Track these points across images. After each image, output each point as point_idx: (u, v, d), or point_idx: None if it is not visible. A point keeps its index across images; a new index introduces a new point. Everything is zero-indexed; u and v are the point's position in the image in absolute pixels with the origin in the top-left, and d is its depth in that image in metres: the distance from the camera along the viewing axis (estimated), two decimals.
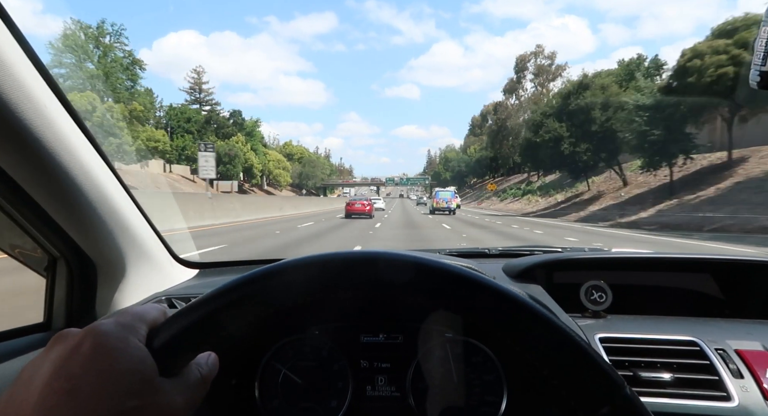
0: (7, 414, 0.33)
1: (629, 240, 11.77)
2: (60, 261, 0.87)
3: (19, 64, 0.60)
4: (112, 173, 0.84)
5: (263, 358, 0.79)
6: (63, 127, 0.69)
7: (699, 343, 0.78)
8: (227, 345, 0.58)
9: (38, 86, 0.64)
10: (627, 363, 0.77)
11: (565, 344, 0.40)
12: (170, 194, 17.03)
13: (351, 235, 12.72)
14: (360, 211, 22.31)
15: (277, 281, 0.42)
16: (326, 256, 0.43)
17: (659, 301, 1.12)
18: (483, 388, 0.76)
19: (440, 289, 0.41)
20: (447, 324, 0.77)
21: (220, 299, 0.41)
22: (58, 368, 0.34)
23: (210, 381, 0.42)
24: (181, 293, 1.03)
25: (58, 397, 0.33)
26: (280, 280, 0.42)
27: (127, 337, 0.37)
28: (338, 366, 0.79)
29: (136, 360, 0.36)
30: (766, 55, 0.45)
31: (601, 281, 0.97)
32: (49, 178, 0.70)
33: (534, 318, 0.40)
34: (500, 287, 0.41)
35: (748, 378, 0.72)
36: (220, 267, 1.32)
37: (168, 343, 0.39)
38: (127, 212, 0.89)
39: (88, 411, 0.33)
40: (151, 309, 0.42)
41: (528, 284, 1.02)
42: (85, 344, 0.35)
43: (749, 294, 1.07)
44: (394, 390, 0.78)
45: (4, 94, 0.58)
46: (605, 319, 0.93)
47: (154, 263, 1.03)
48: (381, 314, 0.80)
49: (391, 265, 0.42)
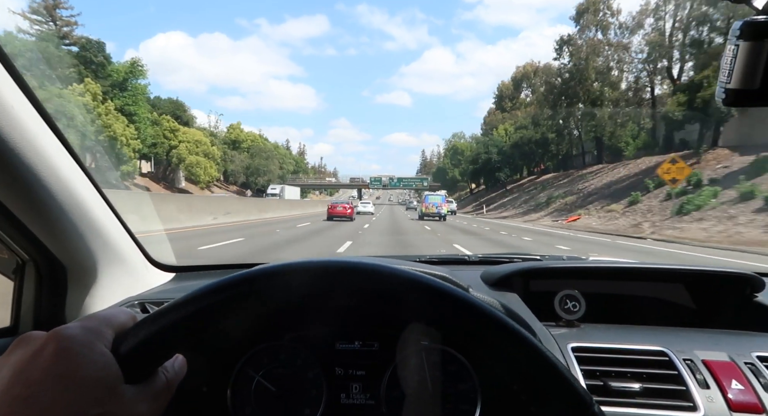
0: None
1: None
2: (28, 264, 0.84)
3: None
4: (83, 172, 0.82)
5: (236, 365, 0.78)
6: (29, 125, 0.67)
7: (668, 353, 0.80)
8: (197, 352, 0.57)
9: (5, 84, 0.62)
10: (598, 372, 0.78)
11: (534, 359, 0.40)
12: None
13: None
14: (341, 214, 22.55)
15: (249, 289, 0.41)
16: (299, 264, 0.42)
17: (633, 310, 1.14)
18: (457, 397, 0.76)
19: (408, 300, 0.41)
20: (423, 332, 0.77)
21: (190, 305, 0.40)
22: (18, 373, 0.33)
23: (176, 385, 0.41)
24: (155, 297, 1.01)
25: (15, 405, 0.31)
26: (252, 288, 0.41)
27: (92, 342, 0.36)
28: (313, 373, 0.79)
29: (101, 366, 0.35)
30: (731, 73, 0.47)
31: (575, 291, 0.98)
32: (15, 177, 0.68)
33: (505, 332, 0.40)
34: (470, 299, 0.41)
35: (714, 389, 0.74)
36: (196, 271, 1.30)
37: (135, 349, 0.38)
38: (100, 213, 0.87)
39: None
40: (119, 313, 0.40)
41: (505, 292, 1.03)
42: (47, 348, 0.34)
43: (719, 305, 1.10)
44: (368, 397, 0.78)
45: None
46: (579, 328, 0.94)
47: (127, 267, 1.01)
48: (357, 321, 0.80)
49: (357, 274, 0.41)
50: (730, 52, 0.46)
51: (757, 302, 1.03)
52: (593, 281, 1.14)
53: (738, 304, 1.06)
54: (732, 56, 0.46)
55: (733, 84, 0.46)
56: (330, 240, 11.75)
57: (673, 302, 1.15)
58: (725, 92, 0.48)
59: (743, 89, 0.46)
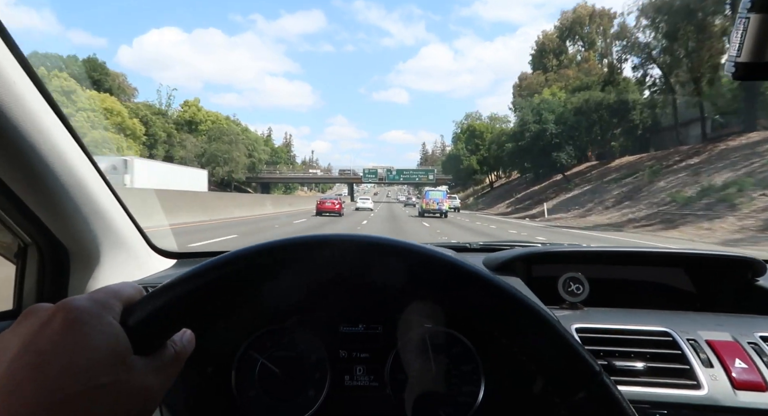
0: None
1: None
2: (31, 247, 0.84)
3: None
4: (87, 157, 0.81)
5: (241, 347, 0.78)
6: (35, 107, 0.67)
7: (671, 333, 0.80)
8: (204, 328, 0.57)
9: (8, 63, 0.61)
10: (602, 352, 0.78)
11: (543, 329, 0.40)
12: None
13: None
14: (330, 209, 23.17)
15: (258, 262, 0.41)
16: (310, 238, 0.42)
17: (635, 294, 1.15)
18: (461, 378, 0.77)
19: (425, 276, 0.41)
20: (427, 315, 0.77)
21: (198, 279, 0.40)
22: (27, 343, 0.33)
23: (184, 358, 0.41)
24: (157, 282, 1.01)
25: (25, 372, 0.32)
26: (262, 260, 0.41)
27: (100, 313, 0.36)
28: (317, 356, 0.79)
29: (109, 336, 0.35)
30: (741, 47, 0.46)
31: (579, 274, 0.99)
32: (21, 160, 0.68)
33: (514, 303, 0.40)
34: (484, 274, 0.41)
35: (717, 368, 0.74)
36: (199, 257, 1.30)
37: (143, 321, 0.38)
38: (103, 197, 0.87)
39: (57, 387, 0.31)
40: (126, 287, 0.41)
41: (507, 276, 1.03)
42: (56, 319, 0.34)
43: (720, 288, 1.10)
44: (372, 379, 0.78)
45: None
46: (582, 311, 0.95)
47: (130, 252, 1.01)
48: (361, 304, 0.80)
49: (382, 250, 0.41)
50: (741, 25, 0.45)
51: (758, 286, 1.04)
52: (595, 266, 1.14)
53: (739, 288, 1.07)
54: (743, 29, 0.45)
55: (743, 57, 0.46)
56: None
57: (674, 287, 1.16)
58: (735, 66, 0.47)
59: (754, 62, 0.45)
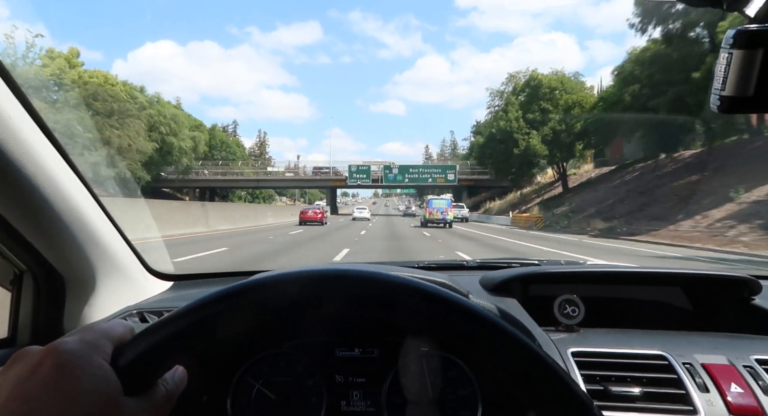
0: None
1: None
2: (26, 275, 0.84)
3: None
4: (81, 182, 0.82)
5: (236, 374, 0.78)
6: (28, 136, 0.67)
7: (667, 357, 0.80)
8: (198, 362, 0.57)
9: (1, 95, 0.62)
10: (598, 377, 0.78)
11: (532, 363, 0.40)
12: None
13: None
14: (312, 219, 24.25)
15: (245, 299, 0.41)
16: (294, 273, 0.42)
17: (632, 314, 1.15)
18: (458, 403, 0.76)
19: (403, 306, 0.41)
20: (423, 339, 0.77)
21: (187, 317, 0.40)
22: (16, 388, 0.33)
23: (176, 396, 0.41)
24: (153, 306, 1.01)
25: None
26: (248, 298, 0.41)
27: (90, 355, 0.35)
28: (313, 381, 0.78)
29: (100, 379, 0.35)
30: (725, 80, 0.47)
31: (574, 296, 0.98)
32: (13, 188, 0.68)
33: (502, 336, 0.40)
34: (466, 303, 0.41)
35: (713, 392, 0.74)
36: (195, 279, 1.30)
37: (133, 361, 0.38)
38: (97, 222, 0.87)
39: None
40: (117, 326, 0.40)
41: (504, 297, 1.03)
42: (45, 363, 0.34)
43: (717, 308, 1.10)
44: (369, 405, 0.78)
45: None
46: (578, 333, 0.95)
47: (125, 276, 1.00)
48: (356, 328, 0.80)
49: (351, 281, 0.41)
50: (724, 60, 0.46)
51: (754, 306, 1.04)
52: (592, 286, 1.14)
53: (736, 307, 1.07)
54: (726, 64, 0.46)
55: (727, 91, 0.47)
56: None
57: (671, 306, 1.16)
58: (720, 99, 0.48)
59: (737, 97, 0.46)
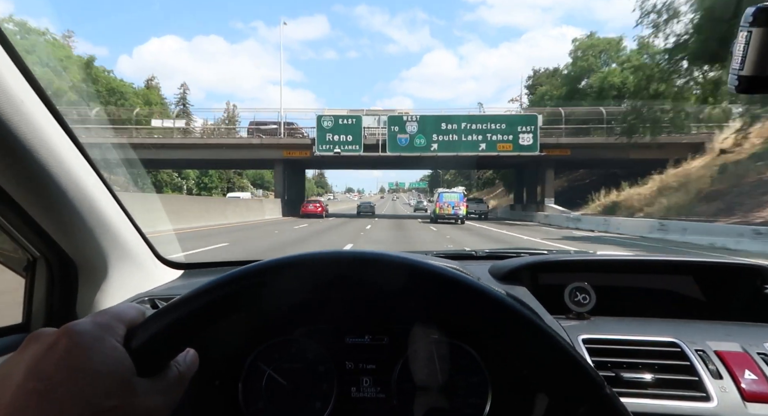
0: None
1: None
2: (40, 261, 0.85)
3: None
4: (94, 171, 0.82)
5: (247, 359, 0.78)
6: (42, 123, 0.67)
7: (680, 344, 0.79)
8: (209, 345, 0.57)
9: (13, 79, 0.62)
10: (609, 363, 0.78)
11: (545, 343, 0.40)
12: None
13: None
14: (313, 212, 26.95)
15: (259, 281, 0.41)
16: (313, 255, 0.42)
17: (642, 303, 1.14)
18: (467, 390, 0.76)
19: (426, 290, 0.41)
20: (433, 326, 0.77)
21: (200, 299, 0.40)
22: (32, 368, 0.34)
23: (188, 378, 0.42)
24: (164, 293, 1.01)
25: (30, 398, 0.32)
26: (262, 280, 0.41)
27: (103, 337, 0.36)
28: (323, 367, 0.79)
29: (113, 360, 0.35)
30: (744, 60, 0.46)
31: (585, 283, 0.98)
32: (29, 176, 0.69)
33: (514, 317, 0.40)
34: (483, 287, 0.41)
35: (727, 379, 0.73)
36: (205, 268, 1.31)
37: (146, 343, 0.38)
38: (110, 211, 0.87)
39: (62, 412, 0.32)
40: (129, 309, 0.41)
41: (513, 285, 1.03)
42: (60, 344, 0.35)
43: (729, 297, 1.09)
44: (379, 391, 0.78)
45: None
46: (589, 320, 0.94)
47: (137, 264, 1.01)
48: (366, 315, 0.80)
49: (379, 265, 0.41)
50: (743, 38, 0.45)
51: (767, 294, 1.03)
52: (602, 274, 1.13)
53: (749, 296, 1.06)
54: (745, 43, 0.45)
55: (746, 71, 0.46)
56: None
57: (683, 295, 1.15)
58: (738, 79, 0.47)
59: (756, 76, 0.46)
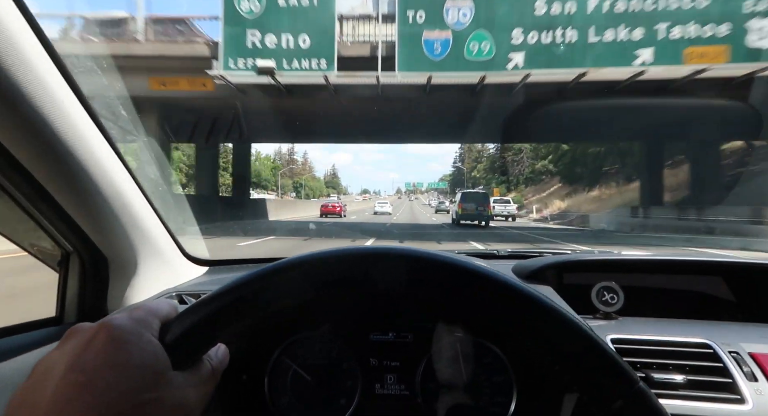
0: (24, 407, 0.34)
1: None
2: (73, 256, 0.87)
3: (37, 58, 0.61)
4: (127, 170, 0.85)
5: (274, 354, 0.79)
6: (79, 123, 0.70)
7: (712, 345, 0.77)
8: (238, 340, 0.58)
9: (55, 81, 0.64)
10: (639, 364, 0.76)
11: (579, 339, 0.40)
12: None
13: None
14: (332, 211, 27.67)
15: (286, 277, 0.42)
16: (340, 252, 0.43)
17: (670, 304, 1.11)
18: (492, 389, 0.76)
19: (464, 287, 0.41)
20: (457, 324, 0.76)
21: (230, 295, 0.41)
22: (73, 361, 0.35)
23: (220, 372, 0.43)
24: (191, 289, 1.03)
25: (73, 390, 0.33)
26: (289, 276, 0.42)
27: (140, 331, 0.37)
28: (348, 364, 0.79)
29: (150, 354, 0.37)
30: None
31: (613, 283, 0.96)
32: (66, 173, 0.71)
33: (549, 314, 0.41)
34: (518, 285, 0.42)
35: (762, 381, 0.71)
36: (229, 265, 1.33)
37: (180, 338, 0.40)
38: (140, 208, 0.90)
39: (104, 404, 0.33)
40: (163, 305, 0.42)
41: (538, 285, 1.01)
42: (98, 338, 0.36)
43: (763, 298, 1.06)
44: (403, 388, 0.78)
45: (23, 89, 0.58)
46: (617, 320, 0.92)
47: (165, 260, 1.04)
48: (391, 312, 0.80)
49: (414, 262, 0.42)
50: None
51: None
52: (628, 275, 1.11)
53: None
54: None
55: None
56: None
57: (712, 296, 1.12)
58: None
59: None
